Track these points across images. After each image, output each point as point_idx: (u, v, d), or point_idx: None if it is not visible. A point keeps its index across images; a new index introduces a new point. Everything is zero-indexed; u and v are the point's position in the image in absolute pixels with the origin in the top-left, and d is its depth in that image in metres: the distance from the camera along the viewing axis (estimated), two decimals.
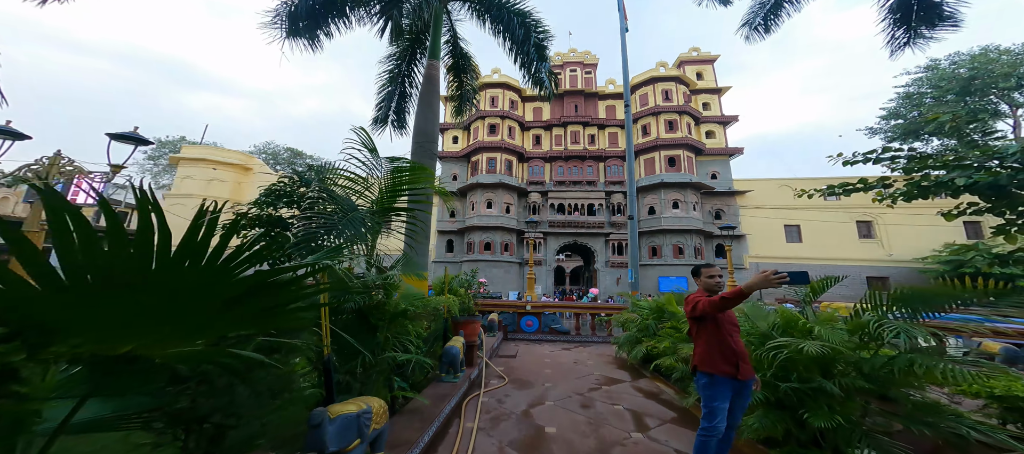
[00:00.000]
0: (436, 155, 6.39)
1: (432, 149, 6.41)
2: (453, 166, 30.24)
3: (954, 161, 6.86)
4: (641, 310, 5.14)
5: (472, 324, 4.18)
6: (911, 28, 8.47)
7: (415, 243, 5.75)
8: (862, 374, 2.12)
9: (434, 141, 6.48)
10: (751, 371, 2.17)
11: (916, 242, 21.88)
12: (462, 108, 10.57)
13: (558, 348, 7.25)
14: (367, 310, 2.53)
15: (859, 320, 2.31)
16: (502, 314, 8.13)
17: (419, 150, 6.30)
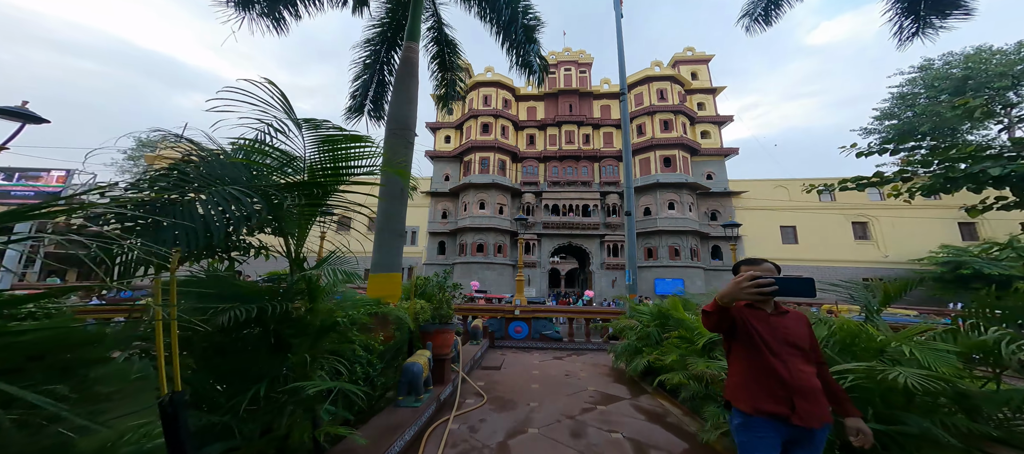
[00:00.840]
0: (412, 144, 5.70)
1: (408, 138, 5.72)
2: (445, 166, 29.56)
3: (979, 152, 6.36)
4: (641, 316, 4.52)
5: (444, 334, 3.50)
6: (919, 17, 8.03)
7: (385, 239, 5.06)
8: (968, 410, 1.48)
9: (410, 129, 5.80)
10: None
11: (911, 243, 21.70)
12: (448, 101, 9.89)
13: (549, 357, 6.59)
14: (272, 322, 1.85)
15: (976, 339, 1.64)
16: (489, 320, 7.44)
17: (393, 138, 5.61)
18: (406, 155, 5.58)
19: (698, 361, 2.83)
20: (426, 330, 3.47)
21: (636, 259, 6.27)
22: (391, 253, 4.97)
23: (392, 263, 4.96)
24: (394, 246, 5.00)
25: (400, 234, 5.12)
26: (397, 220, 5.15)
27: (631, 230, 6.60)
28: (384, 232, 5.00)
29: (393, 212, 5.13)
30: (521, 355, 6.58)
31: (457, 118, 30.36)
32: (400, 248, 5.13)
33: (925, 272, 19.89)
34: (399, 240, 5.07)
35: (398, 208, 5.16)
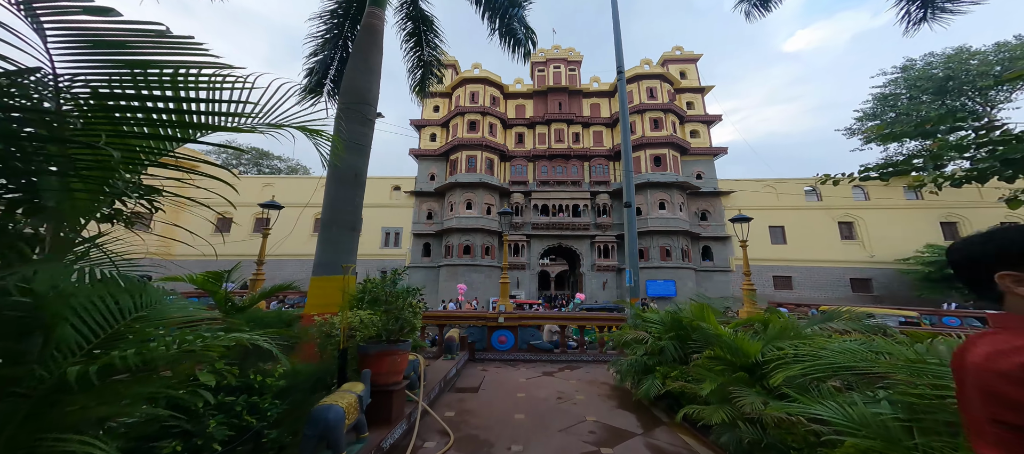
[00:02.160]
0: (372, 122, 4.73)
1: (366, 113, 4.75)
2: (431, 165, 28.43)
3: None
4: (651, 326, 3.68)
5: (391, 357, 2.55)
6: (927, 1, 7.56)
7: (332, 234, 4.06)
8: None
9: (369, 104, 4.83)
10: None
11: (897, 244, 21.86)
12: (424, 85, 8.91)
13: (538, 372, 5.68)
14: None
15: None
16: (469, 329, 6.48)
17: (347, 113, 4.63)
18: (363, 134, 4.60)
19: (750, 394, 1.98)
20: (366, 352, 2.51)
21: (637, 256, 5.43)
22: (340, 251, 3.97)
23: (341, 263, 3.95)
24: (344, 242, 4.01)
25: (352, 227, 4.13)
26: (348, 211, 4.17)
27: (632, 224, 5.79)
28: (331, 225, 4.02)
29: (343, 201, 4.14)
30: (505, 371, 5.65)
31: (443, 115, 29.34)
32: (352, 245, 4.13)
33: (912, 271, 19.98)
34: (350, 235, 4.08)
35: (349, 196, 4.18)
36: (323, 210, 4.14)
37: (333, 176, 4.18)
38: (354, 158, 4.33)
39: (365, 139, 4.60)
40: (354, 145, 4.40)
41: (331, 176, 4.19)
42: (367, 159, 4.61)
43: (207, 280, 3.39)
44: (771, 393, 1.98)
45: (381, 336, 2.71)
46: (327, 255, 3.88)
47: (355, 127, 4.54)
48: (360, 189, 4.40)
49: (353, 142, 4.41)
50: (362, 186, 4.46)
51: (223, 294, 3.33)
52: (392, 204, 27.66)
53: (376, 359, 2.45)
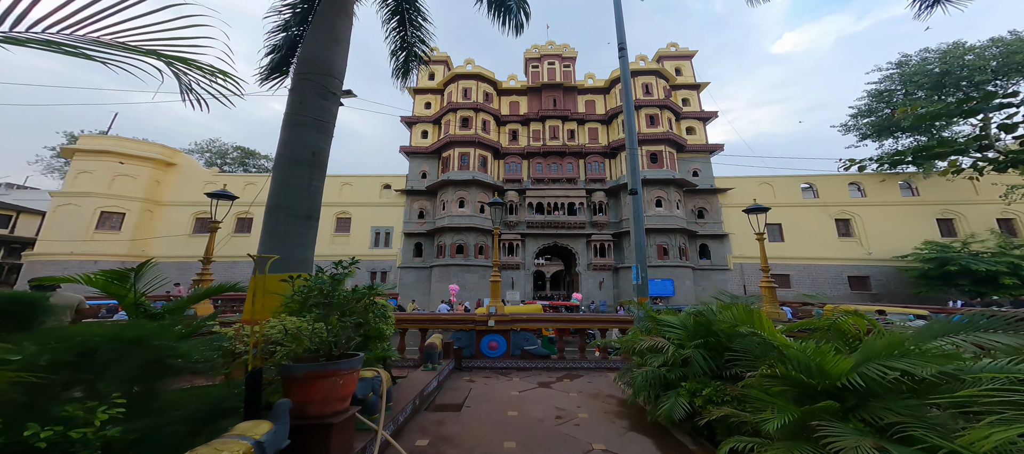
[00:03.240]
0: (336, 98, 4.01)
1: (328, 86, 4.04)
2: (422, 162, 27.63)
3: None
4: (669, 330, 3.04)
5: (328, 379, 1.81)
6: None
7: (281, 224, 3.34)
8: None
9: (333, 77, 4.12)
10: None
11: (894, 241, 21.67)
12: (407, 68, 8.17)
13: (533, 382, 5.01)
14: None
15: None
16: (455, 333, 5.78)
17: (304, 85, 3.92)
18: (324, 109, 3.88)
19: (849, 434, 1.32)
20: (290, 375, 1.79)
21: (645, 250, 4.79)
22: (290, 243, 3.24)
23: (292, 259, 3.23)
24: (296, 233, 3.29)
25: (307, 216, 3.41)
26: (303, 196, 3.44)
27: (638, 213, 5.15)
28: (279, 213, 3.31)
29: (296, 183, 3.43)
30: (495, 382, 4.96)
31: (435, 112, 28.58)
32: (307, 237, 3.40)
33: (911, 269, 19.77)
34: (304, 225, 3.36)
35: (304, 178, 3.46)
36: (269, 194, 3.43)
37: (284, 154, 3.47)
38: (311, 135, 3.63)
39: (326, 115, 3.88)
40: (311, 121, 3.69)
41: (281, 154, 3.47)
42: (329, 138, 3.90)
43: (109, 281, 2.64)
44: (884, 434, 1.34)
45: (321, 350, 2.01)
46: (273, 249, 3.16)
47: (313, 100, 3.82)
48: (319, 172, 3.69)
49: (310, 117, 3.69)
50: (322, 168, 3.74)
51: (133, 298, 2.60)
52: (382, 203, 26.80)
53: (304, 384, 1.74)
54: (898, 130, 22.54)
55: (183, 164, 24.85)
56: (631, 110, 5.90)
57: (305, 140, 3.56)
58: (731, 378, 2.51)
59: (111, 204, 21.33)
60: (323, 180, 3.76)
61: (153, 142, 23.77)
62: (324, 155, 3.78)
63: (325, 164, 3.80)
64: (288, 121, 3.60)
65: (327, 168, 3.93)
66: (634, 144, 5.68)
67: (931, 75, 20.82)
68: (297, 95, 3.74)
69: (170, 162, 24.13)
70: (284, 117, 3.63)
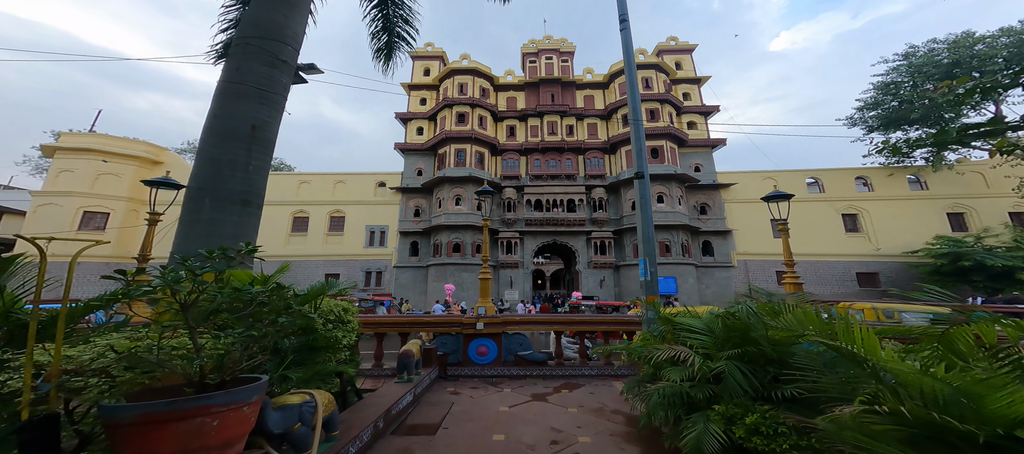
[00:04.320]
0: (288, 69, 3.37)
1: (277, 53, 3.39)
2: (418, 160, 27.00)
3: None
4: (690, 336, 2.41)
5: (181, 423, 1.12)
6: None
7: (205, 209, 2.69)
8: None
9: (284, 43, 3.49)
10: None
11: (904, 236, 21.05)
12: (390, 51, 7.52)
13: (526, 394, 4.38)
14: None
15: None
16: (440, 338, 5.15)
17: (244, 49, 3.28)
18: (270, 78, 3.23)
19: None
20: (115, 420, 1.12)
21: (654, 242, 4.15)
22: (219, 238, 2.60)
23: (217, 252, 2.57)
24: (224, 223, 2.64)
25: (243, 201, 2.78)
26: (237, 177, 2.80)
27: (645, 200, 4.51)
28: (202, 197, 2.67)
29: (228, 162, 2.79)
30: (483, 394, 4.32)
31: (430, 108, 27.93)
32: (243, 228, 2.75)
33: (922, 264, 19.15)
34: (238, 212, 2.72)
35: (239, 155, 2.83)
36: (191, 175, 2.78)
37: (213, 127, 2.84)
38: (250, 106, 2.99)
39: (272, 85, 3.24)
40: (251, 89, 3.05)
41: (210, 127, 2.84)
42: (276, 113, 3.25)
43: None
44: None
45: (195, 377, 1.35)
46: (192, 241, 2.52)
47: (255, 67, 3.18)
48: (262, 150, 3.04)
49: (250, 85, 3.05)
50: (265, 146, 3.09)
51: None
52: (377, 201, 26.15)
53: (139, 433, 1.07)
54: (906, 122, 21.91)
55: (170, 162, 24.16)
56: (634, 86, 5.26)
57: (242, 111, 2.92)
58: (784, 402, 1.87)
59: (94, 203, 20.65)
60: (268, 160, 3.11)
61: (138, 140, 23.07)
62: (269, 131, 3.14)
63: (270, 142, 3.16)
64: (220, 89, 2.97)
65: (274, 148, 3.28)
66: (639, 122, 5.04)
67: (941, 66, 20.21)
68: (234, 60, 3.10)
69: (156, 160, 23.46)
70: (216, 86, 2.99)
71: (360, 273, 24.44)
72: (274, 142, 3.24)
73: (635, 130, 5.15)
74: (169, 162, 24.43)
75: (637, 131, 5.09)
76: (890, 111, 22.72)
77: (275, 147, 3.35)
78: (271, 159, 3.22)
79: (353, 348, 3.40)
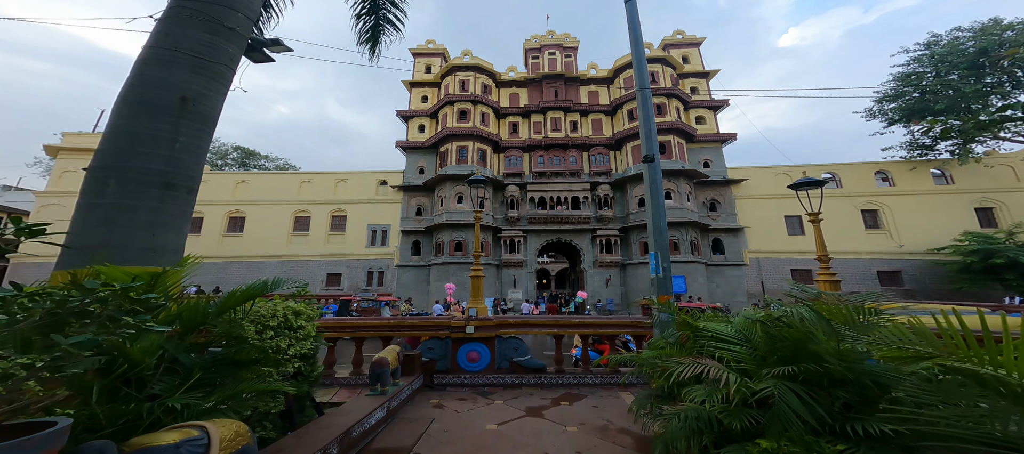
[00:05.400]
0: (235, 35, 2.87)
1: (222, 19, 2.90)
2: (420, 157, 26.64)
3: None
4: (722, 346, 1.85)
5: None
6: None
7: (110, 191, 2.21)
8: None
9: (234, 8, 2.98)
10: None
11: (928, 232, 19.97)
12: (376, 37, 7.02)
13: (520, 407, 3.85)
14: None
15: None
16: (427, 343, 4.63)
17: (178, 12, 2.79)
18: (210, 48, 2.73)
19: None
20: None
21: (666, 234, 3.58)
22: (127, 228, 2.11)
23: (128, 247, 2.09)
24: (141, 211, 2.14)
25: (165, 184, 2.29)
26: (158, 155, 2.32)
27: (657, 188, 3.95)
28: (108, 177, 2.17)
29: (143, 136, 2.30)
30: (471, 407, 3.80)
31: (431, 105, 27.55)
32: (163, 216, 2.25)
33: (949, 262, 18.10)
34: (156, 199, 2.22)
35: (162, 130, 2.34)
36: (96, 151, 2.30)
37: (129, 96, 2.36)
38: (180, 74, 2.51)
39: (214, 55, 2.75)
40: (183, 56, 2.56)
41: (125, 96, 2.36)
42: (218, 86, 2.77)
43: None
44: None
45: None
46: (89, 231, 2.03)
47: (193, 34, 2.69)
48: (195, 126, 2.55)
49: (182, 51, 2.56)
50: (202, 124, 2.60)
51: None
52: (379, 200, 25.84)
53: None
54: (930, 113, 20.80)
55: None
56: (642, 62, 4.69)
57: (169, 80, 2.44)
58: (867, 439, 1.30)
59: None
60: (204, 139, 2.61)
61: None
62: (206, 105, 2.64)
63: (209, 118, 2.66)
64: (142, 57, 2.50)
65: (215, 126, 2.79)
66: (648, 100, 4.46)
67: (966, 54, 19.11)
68: (165, 25, 2.62)
69: None
70: (139, 54, 2.52)
71: (362, 273, 24.15)
72: (214, 119, 2.75)
73: (643, 110, 4.57)
74: None
75: (646, 110, 4.52)
76: (912, 102, 21.62)
77: (217, 125, 2.87)
78: (210, 139, 2.73)
79: (312, 357, 2.89)
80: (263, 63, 4.46)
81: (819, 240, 4.68)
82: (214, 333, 1.90)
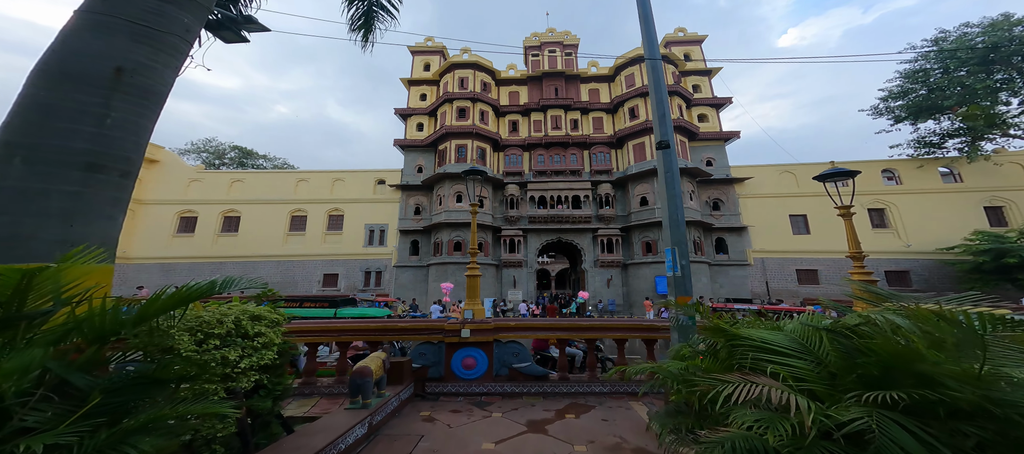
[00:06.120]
0: (197, 7, 2.46)
1: None
2: (418, 156, 26.24)
3: None
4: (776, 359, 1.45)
5: None
6: None
7: (13, 170, 1.80)
8: None
9: None
10: None
11: (937, 232, 19.57)
12: (368, 23, 6.59)
13: (520, 420, 3.44)
14: None
15: None
16: (418, 348, 4.23)
17: None
18: (157, 15, 2.33)
19: None
20: None
21: (684, 228, 3.17)
22: (37, 217, 1.68)
23: (36, 239, 1.67)
24: (52, 194, 1.71)
25: (89, 166, 1.87)
26: (81, 132, 1.91)
27: (673, 178, 3.55)
28: (12, 153, 1.74)
29: (63, 109, 1.89)
30: (466, 421, 3.39)
31: (430, 103, 27.17)
32: (86, 203, 1.83)
33: (959, 262, 17.70)
34: (78, 183, 1.79)
35: (89, 103, 1.92)
36: (0, 126, 1.87)
37: (49, 64, 1.95)
38: (119, 42, 2.13)
39: (163, 24, 2.34)
40: (124, 24, 2.16)
41: (45, 64, 1.95)
42: (169, 59, 2.37)
43: None
44: None
45: None
46: None
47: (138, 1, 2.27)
48: (133, 100, 2.14)
49: (122, 18, 2.16)
50: (140, 96, 2.19)
51: None
52: (377, 199, 25.43)
53: None
54: (938, 110, 20.43)
55: (166, 161, 23.77)
56: (653, 39, 4.30)
57: (102, 48, 2.04)
58: None
59: None
60: (146, 116, 2.19)
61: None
62: (149, 79, 2.22)
63: (153, 93, 2.23)
64: (71, 22, 2.09)
65: (163, 104, 2.38)
66: (660, 78, 4.07)
67: (975, 50, 18.74)
68: None
69: (153, 159, 23.06)
70: (68, 20, 2.12)
71: (359, 273, 23.73)
72: (161, 95, 2.34)
73: (656, 94, 4.17)
74: (165, 160, 24.06)
75: (659, 94, 4.12)
76: (919, 100, 21.25)
77: (165, 101, 2.45)
78: (154, 116, 2.32)
79: (279, 368, 2.48)
80: (235, 43, 4.06)
81: (851, 235, 4.28)
82: (131, 345, 1.49)
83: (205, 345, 1.80)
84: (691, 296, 3.15)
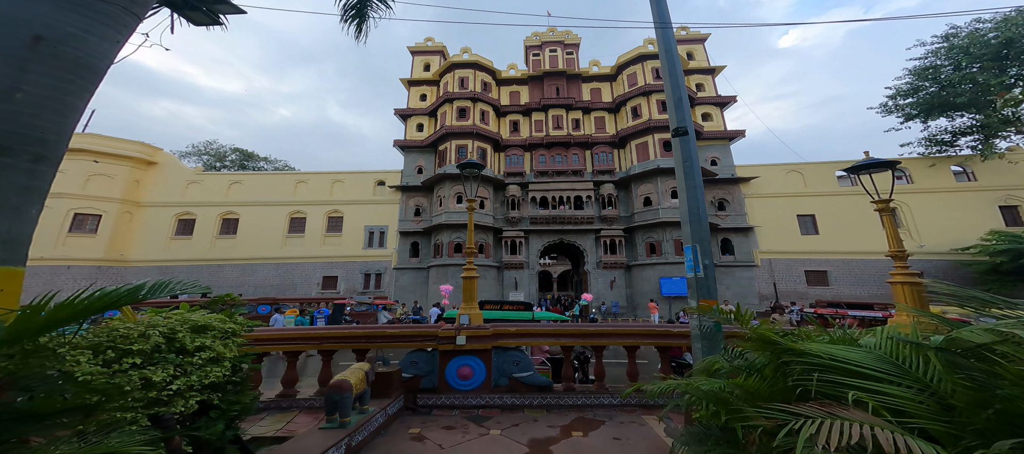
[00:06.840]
0: None
1: None
2: (418, 157, 25.96)
3: None
4: (872, 385, 1.06)
5: None
6: None
7: None
8: None
9: None
10: None
11: (951, 232, 19.03)
12: (362, 13, 6.25)
13: (522, 438, 3.08)
14: None
15: None
16: (408, 356, 3.85)
17: None
18: None
19: None
20: None
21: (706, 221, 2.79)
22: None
23: None
24: None
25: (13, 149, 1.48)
26: None
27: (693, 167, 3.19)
28: None
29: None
30: (461, 440, 3.02)
31: (430, 104, 26.93)
32: None
33: (975, 262, 17.15)
34: None
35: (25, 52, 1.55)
36: None
37: None
38: (39, 7, 1.80)
39: None
40: None
41: None
42: (106, 30, 2.03)
43: None
44: None
45: None
46: None
47: None
48: (56, 71, 1.80)
49: None
50: (66, 67, 1.85)
51: None
52: (376, 200, 25.15)
53: None
54: (949, 108, 19.92)
55: (165, 163, 23.59)
56: (665, 17, 3.93)
57: (15, 12, 1.71)
58: None
59: (86, 205, 20.08)
60: (75, 94, 1.84)
61: (132, 140, 22.50)
62: (79, 49, 1.88)
63: (82, 66, 1.88)
64: None
65: (99, 80, 2.04)
66: (676, 67, 3.70)
67: (989, 46, 18.26)
68: None
69: (151, 161, 22.88)
70: None
71: (359, 275, 23.41)
72: (96, 70, 1.99)
73: (672, 78, 3.79)
74: (164, 162, 23.88)
75: (674, 78, 3.74)
76: (929, 97, 20.75)
77: (102, 77, 2.11)
78: (86, 93, 1.97)
79: (239, 385, 2.10)
80: (207, 25, 3.71)
81: (892, 234, 3.87)
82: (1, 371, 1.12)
83: (118, 365, 1.44)
84: (716, 299, 2.77)
